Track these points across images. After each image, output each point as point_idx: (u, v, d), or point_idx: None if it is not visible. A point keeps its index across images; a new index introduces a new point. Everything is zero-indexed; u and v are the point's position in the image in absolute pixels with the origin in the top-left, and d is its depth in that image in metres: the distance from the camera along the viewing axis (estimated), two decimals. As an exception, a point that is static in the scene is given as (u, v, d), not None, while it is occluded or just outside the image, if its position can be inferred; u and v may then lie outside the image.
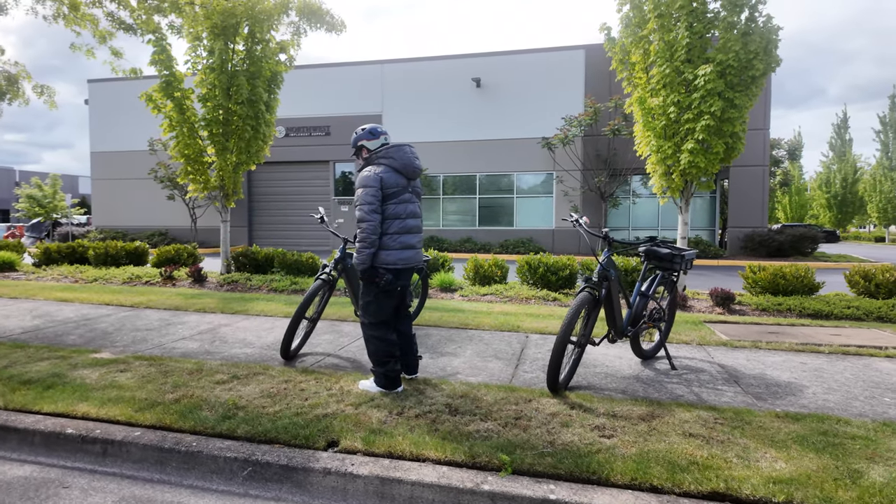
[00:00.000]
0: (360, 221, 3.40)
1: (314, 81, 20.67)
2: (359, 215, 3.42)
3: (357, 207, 3.44)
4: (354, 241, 4.68)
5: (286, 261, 9.45)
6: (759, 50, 7.32)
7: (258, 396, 3.45)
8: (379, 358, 3.55)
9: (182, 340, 5.06)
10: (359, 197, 3.44)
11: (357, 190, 3.48)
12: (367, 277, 3.49)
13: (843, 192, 41.85)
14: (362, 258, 3.43)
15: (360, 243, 3.42)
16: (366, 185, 3.42)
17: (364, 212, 3.40)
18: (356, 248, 3.46)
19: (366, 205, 3.40)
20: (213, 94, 9.45)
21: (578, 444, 2.80)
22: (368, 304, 3.56)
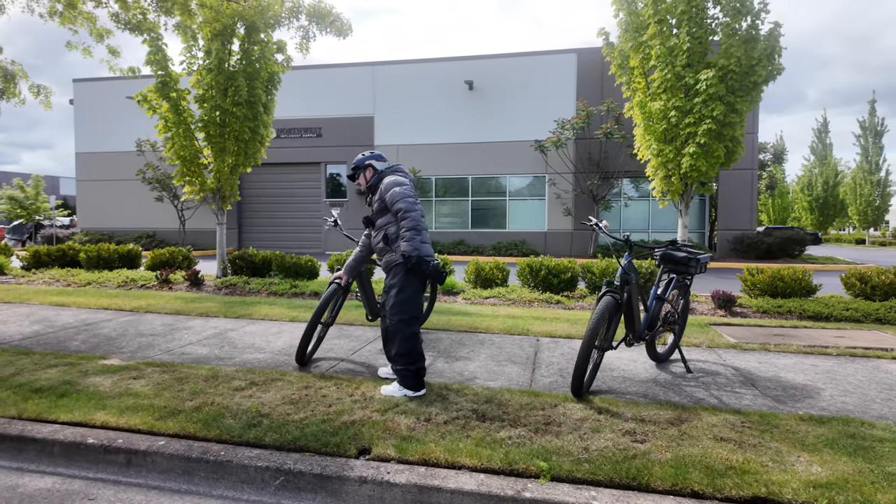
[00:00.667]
0: (407, 212, 3.59)
1: (305, 83, 20.51)
2: (405, 206, 3.60)
3: (400, 201, 3.63)
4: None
5: (285, 264, 9.35)
6: (761, 56, 7.43)
7: (280, 403, 3.39)
8: (412, 356, 3.60)
9: (190, 346, 4.97)
10: (397, 193, 3.66)
11: (394, 188, 3.69)
12: (415, 265, 3.53)
13: (825, 196, 42.62)
14: (416, 244, 3.53)
15: (412, 231, 3.55)
16: (400, 184, 3.71)
17: (409, 203, 3.62)
18: (406, 237, 3.55)
19: (409, 197, 3.65)
20: (210, 95, 9.33)
21: (613, 450, 2.79)
22: (407, 300, 3.62)
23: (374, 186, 3.88)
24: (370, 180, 3.94)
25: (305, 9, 7.50)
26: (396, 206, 3.63)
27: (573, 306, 7.54)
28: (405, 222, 3.58)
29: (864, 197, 39.05)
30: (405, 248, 3.55)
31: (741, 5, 7.49)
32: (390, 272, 3.73)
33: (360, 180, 4.00)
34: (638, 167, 18.08)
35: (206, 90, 9.37)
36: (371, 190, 3.93)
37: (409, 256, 3.52)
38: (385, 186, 3.74)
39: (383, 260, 3.83)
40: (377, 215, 3.86)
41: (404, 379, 3.59)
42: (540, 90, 19.31)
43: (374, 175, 3.93)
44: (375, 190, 3.87)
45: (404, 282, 3.63)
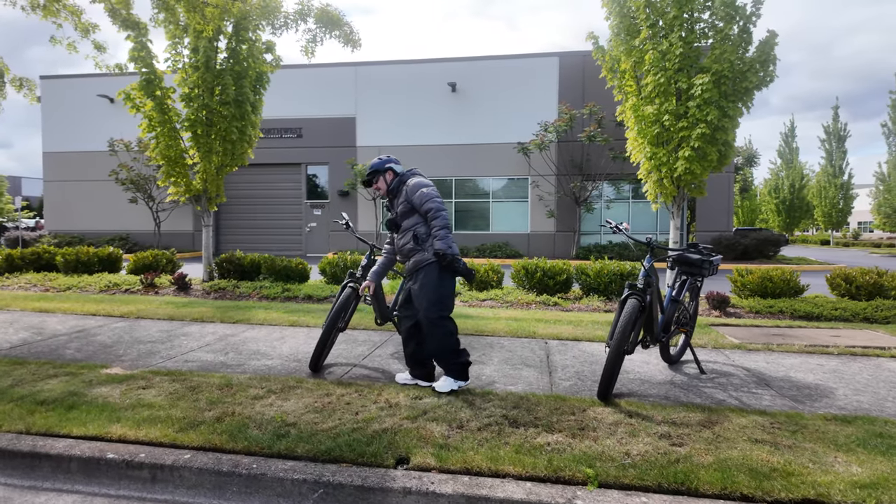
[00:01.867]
0: (438, 211, 3.68)
1: (286, 82, 20.11)
2: (435, 206, 3.69)
3: (429, 201, 3.71)
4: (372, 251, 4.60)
5: (275, 267, 9.15)
6: (754, 62, 7.57)
7: (305, 412, 3.28)
8: (456, 349, 3.72)
9: (193, 353, 4.79)
10: (426, 194, 3.73)
11: (421, 189, 3.75)
12: (448, 263, 3.63)
13: (791, 198, 43.97)
14: (449, 242, 3.63)
15: (444, 230, 3.64)
16: (427, 185, 3.80)
17: (438, 203, 3.72)
18: (439, 236, 3.62)
19: (437, 197, 3.75)
20: (196, 94, 9.08)
21: (654, 454, 2.77)
22: (446, 297, 3.73)
23: (397, 190, 3.90)
24: (391, 184, 3.95)
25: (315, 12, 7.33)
26: (426, 206, 3.70)
27: (571, 308, 7.57)
28: (437, 221, 3.65)
29: (828, 199, 40.39)
30: (439, 246, 3.61)
31: (734, 11, 7.64)
32: (421, 271, 3.74)
33: (380, 184, 3.99)
34: (619, 170, 18.39)
35: (193, 89, 9.11)
36: (393, 193, 3.94)
37: (444, 254, 3.59)
38: (411, 189, 3.78)
39: (412, 260, 3.81)
40: (402, 217, 3.85)
41: (456, 371, 3.72)
42: (522, 93, 19.42)
43: (395, 179, 3.95)
44: (398, 193, 3.89)
45: (440, 279, 3.69)
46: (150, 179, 19.24)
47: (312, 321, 6.23)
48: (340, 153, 20.38)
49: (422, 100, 19.95)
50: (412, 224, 3.78)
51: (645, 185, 8.74)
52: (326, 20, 7.22)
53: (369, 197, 19.89)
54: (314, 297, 8.03)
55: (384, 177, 3.96)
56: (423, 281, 3.71)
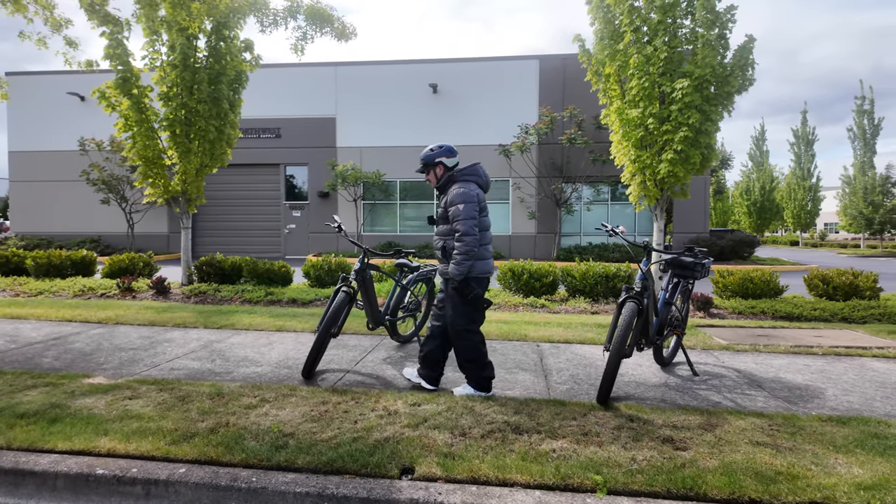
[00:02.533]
0: (465, 235, 3.54)
1: (264, 81, 19.78)
2: (463, 228, 3.55)
3: (460, 221, 3.56)
4: (365, 254, 4.52)
5: (257, 270, 8.97)
6: (735, 67, 7.71)
7: (301, 421, 3.19)
8: (481, 362, 3.71)
9: (178, 360, 4.64)
10: (461, 211, 3.57)
11: (458, 205, 3.59)
12: (460, 288, 3.61)
13: (762, 200, 45.06)
14: (463, 269, 3.56)
15: (462, 255, 3.55)
16: (467, 201, 3.59)
17: (469, 226, 3.55)
18: (456, 260, 3.56)
19: (471, 219, 3.57)
20: (175, 93, 8.85)
21: (660, 459, 2.76)
22: (466, 312, 3.68)
23: (444, 188, 3.79)
24: (441, 179, 3.81)
25: (304, 8, 7.19)
26: (456, 225, 3.59)
27: (558, 310, 7.59)
28: (459, 245, 3.57)
29: (797, 201, 41.48)
30: (451, 271, 3.61)
31: (714, 16, 7.76)
32: (447, 283, 3.76)
33: (430, 177, 3.87)
34: (599, 172, 18.59)
35: (171, 87, 8.88)
36: (441, 190, 3.83)
37: (453, 279, 3.61)
38: (451, 198, 3.64)
39: (439, 268, 3.87)
40: (440, 220, 3.78)
41: (478, 382, 3.72)
42: (503, 95, 19.48)
43: (445, 174, 3.80)
44: (444, 191, 3.78)
45: (459, 297, 3.66)
46: (123, 180, 18.74)
47: (300, 326, 6.11)
48: (320, 154, 20.15)
49: (403, 100, 19.85)
50: (444, 232, 3.73)
51: (629, 187, 8.82)
52: (316, 17, 7.08)
53: (350, 198, 19.71)
54: (299, 300, 7.89)
55: (434, 170, 3.83)
56: (449, 293, 3.72)
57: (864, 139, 34.35)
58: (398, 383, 4.06)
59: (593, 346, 5.44)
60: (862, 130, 34.45)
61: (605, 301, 8.18)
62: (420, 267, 5.20)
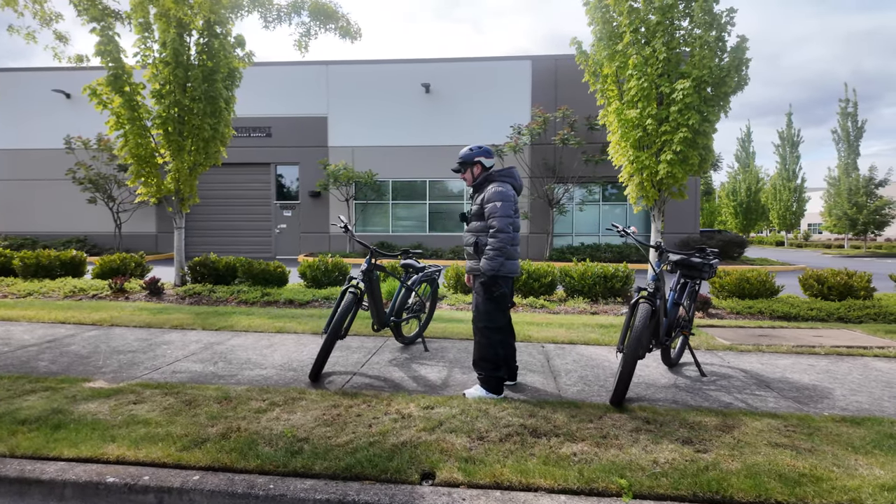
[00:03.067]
0: (500, 231, 3.61)
1: (255, 80, 19.55)
2: (499, 225, 3.62)
3: (497, 218, 3.63)
4: (373, 254, 4.45)
5: (252, 271, 8.85)
6: (731, 68, 7.76)
7: (315, 425, 3.12)
8: (495, 362, 3.73)
9: (179, 363, 4.54)
10: (498, 209, 3.64)
11: (496, 202, 3.66)
12: (488, 284, 3.67)
13: (748, 201, 45.59)
14: (494, 265, 3.61)
15: (495, 251, 3.61)
16: (505, 199, 3.67)
17: (504, 223, 3.63)
18: (489, 255, 3.61)
19: (507, 217, 3.65)
20: (168, 91, 8.70)
21: (681, 461, 2.74)
22: (490, 311, 3.74)
23: (480, 187, 3.88)
24: (477, 178, 3.90)
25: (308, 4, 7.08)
26: (492, 221, 3.65)
27: (558, 310, 7.57)
28: (493, 241, 3.62)
29: (782, 202, 42.02)
30: (483, 265, 3.65)
31: (712, 18, 7.81)
32: (475, 280, 3.83)
33: (467, 176, 3.95)
34: (591, 173, 18.65)
35: (164, 85, 8.73)
36: (476, 189, 3.91)
37: (483, 273, 3.66)
38: (489, 196, 3.71)
39: (468, 263, 3.93)
40: (474, 217, 3.85)
41: (486, 382, 3.72)
42: (496, 95, 19.47)
43: (482, 174, 3.89)
44: (480, 190, 3.87)
45: (486, 294, 3.72)
46: (111, 179, 18.44)
47: (300, 327, 6.02)
48: (311, 153, 20.00)
49: (395, 100, 19.76)
50: (478, 228, 3.79)
51: (627, 188, 8.84)
52: (321, 13, 6.99)
53: (342, 198, 19.57)
54: (296, 301, 7.79)
55: (472, 169, 3.92)
56: (476, 289, 3.80)
57: (847, 141, 34.91)
58: (407, 386, 4.00)
59: (597, 346, 5.42)
60: (846, 133, 35.01)
61: (604, 301, 8.19)
62: (425, 267, 5.14)
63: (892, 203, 31.01)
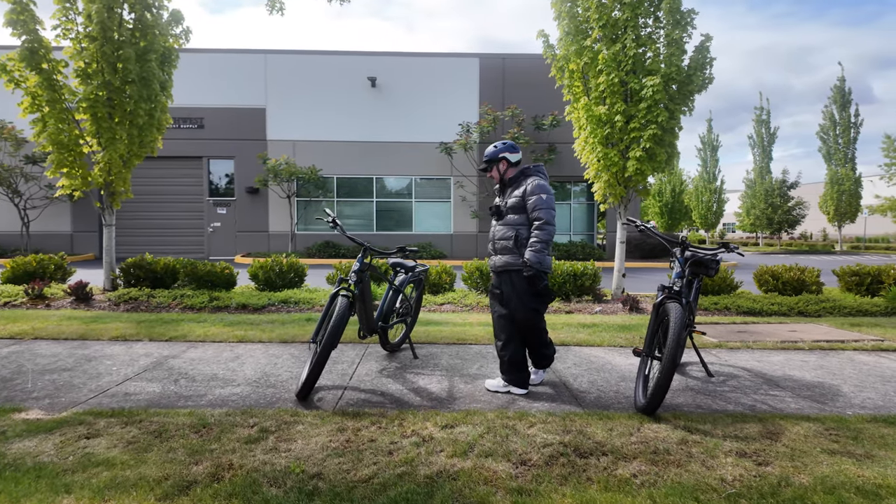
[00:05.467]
0: (547, 224, 3.59)
1: (186, 67, 17.98)
2: (546, 217, 3.60)
3: (542, 210, 3.61)
4: (366, 252, 3.97)
5: (196, 273, 7.99)
6: (696, 66, 7.83)
7: (324, 456, 2.61)
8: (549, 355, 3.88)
9: (131, 382, 3.83)
10: (543, 201, 3.62)
11: (540, 195, 3.64)
12: (533, 278, 3.58)
13: (673, 202, 48.05)
14: (541, 257, 3.57)
15: (542, 243, 3.57)
16: (549, 193, 3.68)
17: (551, 216, 3.62)
18: (536, 248, 3.54)
19: (552, 209, 3.65)
20: (95, 70, 7.68)
21: (749, 478, 2.49)
22: (539, 306, 3.71)
23: (515, 181, 3.82)
24: (504, 173, 3.88)
25: None
26: (537, 213, 3.61)
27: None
28: (540, 233, 3.58)
29: (704, 203, 44.55)
30: (529, 257, 3.55)
31: (679, 16, 7.83)
32: (509, 273, 3.70)
33: (494, 173, 3.92)
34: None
35: (90, 63, 7.70)
36: (508, 183, 3.86)
37: (530, 265, 3.53)
38: (531, 188, 3.68)
39: (502, 258, 3.74)
40: (510, 210, 3.75)
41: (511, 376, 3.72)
42: (444, 92, 19.15)
43: (510, 167, 3.88)
44: (514, 184, 3.81)
45: (530, 288, 3.63)
46: (16, 171, 16.45)
47: (265, 336, 5.38)
48: (249, 147, 18.82)
49: (340, 93, 18.97)
50: (517, 222, 3.71)
51: (593, 185, 8.75)
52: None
53: (283, 195, 18.55)
54: (249, 306, 7.07)
55: (497, 167, 3.90)
56: (515, 284, 3.68)
57: (762, 146, 37.55)
58: (411, 401, 3.55)
59: (591, 347, 5.19)
60: (760, 138, 37.65)
61: (577, 300, 8.04)
62: (416, 266, 4.69)
63: (803, 203, 33.59)
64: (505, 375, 3.76)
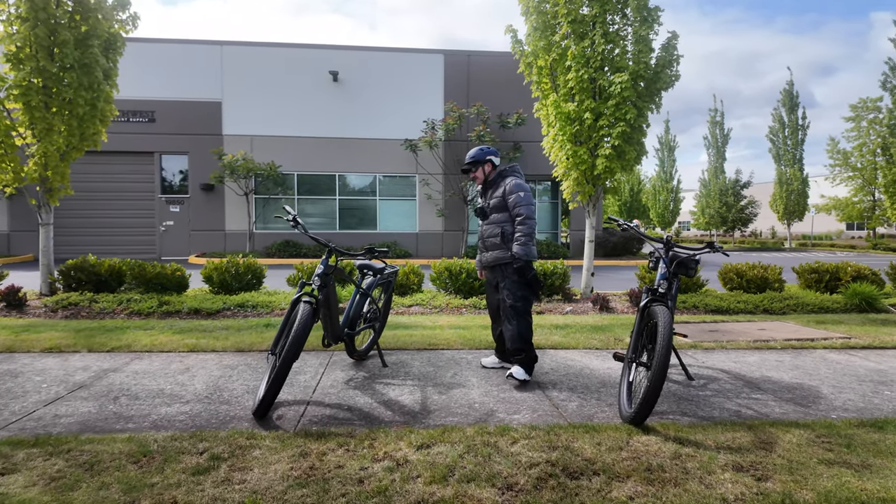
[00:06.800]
0: (528, 218, 3.87)
1: (136, 58, 17.12)
2: (526, 212, 3.88)
3: (523, 206, 3.90)
4: (330, 253, 3.66)
5: (145, 275, 7.44)
6: (663, 63, 7.79)
7: (286, 487, 2.30)
8: (531, 342, 3.96)
9: (62, 402, 3.39)
10: (522, 198, 3.92)
11: (518, 193, 3.92)
12: (522, 269, 3.84)
13: (631, 200, 49.10)
14: (527, 249, 3.84)
15: (526, 237, 3.85)
16: (526, 190, 3.97)
17: (530, 210, 3.90)
18: (521, 241, 3.81)
19: (531, 205, 3.94)
20: (29, 54, 7.03)
21: (751, 496, 2.31)
22: (528, 295, 3.96)
23: (495, 183, 4.10)
24: (488, 175, 4.15)
25: None
26: (518, 210, 3.88)
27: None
28: (522, 227, 3.86)
29: (661, 202, 45.65)
30: (517, 250, 3.82)
31: (647, 13, 7.78)
32: (502, 268, 3.96)
33: (478, 174, 4.14)
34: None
35: (23, 47, 7.05)
36: (489, 185, 4.13)
37: (518, 258, 3.81)
38: (510, 187, 3.96)
39: (492, 254, 4.00)
40: (493, 210, 4.03)
41: (525, 364, 3.89)
42: (408, 88, 18.81)
43: (493, 171, 4.15)
44: (494, 186, 4.09)
45: (519, 280, 3.89)
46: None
47: (219, 344, 4.97)
48: (204, 142, 18.00)
49: (300, 88, 18.37)
50: (501, 220, 3.98)
51: (561, 184, 8.63)
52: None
53: (240, 192, 17.83)
54: (203, 311, 6.60)
55: (483, 168, 4.13)
56: (507, 276, 3.92)
57: (716, 147, 38.69)
58: (381, 416, 3.25)
59: (566, 350, 5.01)
60: (715, 139, 38.77)
61: (547, 299, 7.89)
62: (385, 268, 4.39)
63: (755, 202, 34.78)
64: (500, 355, 4.25)
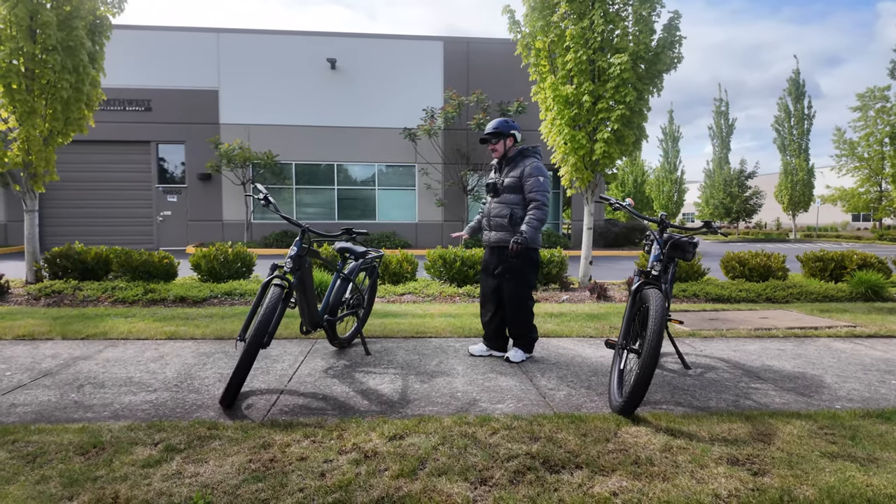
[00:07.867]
0: (543, 204, 3.83)
1: (132, 46, 17.03)
2: (541, 199, 3.83)
3: (539, 192, 3.83)
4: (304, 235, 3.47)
5: (131, 263, 7.28)
6: (664, 44, 7.53)
7: (240, 481, 2.12)
8: (532, 324, 3.98)
9: (22, 390, 3.23)
10: (540, 183, 3.84)
11: (538, 177, 3.84)
12: (523, 253, 3.76)
13: (635, 191, 48.63)
14: (534, 235, 3.82)
15: (538, 221, 3.81)
16: (544, 175, 3.88)
17: (546, 198, 3.85)
18: (532, 224, 3.76)
19: (548, 191, 3.88)
20: (9, 35, 6.84)
21: (746, 492, 2.12)
22: (532, 277, 3.97)
23: (513, 161, 3.95)
24: (509, 151, 3.98)
25: None
26: (532, 195, 3.82)
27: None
28: (535, 213, 3.80)
29: (665, 192, 45.22)
30: (525, 230, 3.74)
31: (648, -8, 7.51)
32: (501, 249, 3.90)
33: (498, 146, 3.95)
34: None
35: (3, 27, 6.85)
36: (507, 161, 3.98)
37: (525, 239, 3.70)
38: (529, 170, 3.85)
39: (498, 234, 3.94)
40: (507, 189, 3.91)
41: (525, 344, 3.96)
42: (407, 76, 18.54)
43: (514, 147, 3.98)
44: (512, 164, 3.94)
45: (522, 264, 3.85)
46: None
47: (198, 331, 4.81)
48: (200, 130, 17.81)
49: (297, 76, 18.13)
50: (513, 201, 3.89)
51: (560, 170, 8.41)
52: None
53: (237, 181, 17.65)
54: (189, 299, 6.44)
55: (505, 141, 3.95)
56: (513, 261, 3.81)
57: (721, 137, 38.27)
58: (357, 405, 3.08)
59: (559, 338, 4.83)
60: (720, 129, 38.33)
61: (544, 288, 7.69)
62: (367, 252, 4.21)
63: (760, 192, 34.39)
64: (489, 342, 4.09)
